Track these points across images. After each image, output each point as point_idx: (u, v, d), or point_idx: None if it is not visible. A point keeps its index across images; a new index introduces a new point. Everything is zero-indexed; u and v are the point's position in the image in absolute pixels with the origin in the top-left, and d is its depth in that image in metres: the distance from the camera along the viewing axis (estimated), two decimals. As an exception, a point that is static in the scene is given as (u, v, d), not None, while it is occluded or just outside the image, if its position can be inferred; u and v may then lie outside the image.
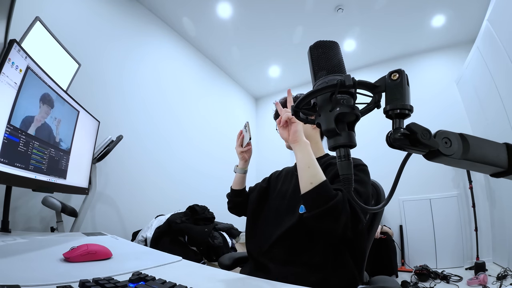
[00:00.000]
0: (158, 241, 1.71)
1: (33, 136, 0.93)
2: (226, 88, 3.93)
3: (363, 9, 2.74)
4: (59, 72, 1.33)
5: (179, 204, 2.17)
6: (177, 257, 0.75)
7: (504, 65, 1.93)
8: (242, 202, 1.05)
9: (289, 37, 3.13)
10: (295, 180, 0.90)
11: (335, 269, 0.74)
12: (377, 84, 0.38)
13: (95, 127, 1.51)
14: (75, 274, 0.50)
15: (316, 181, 0.67)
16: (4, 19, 0.91)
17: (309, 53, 0.45)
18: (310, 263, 0.74)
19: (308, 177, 0.69)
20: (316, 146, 0.97)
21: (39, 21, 1.26)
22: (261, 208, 0.95)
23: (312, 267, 0.73)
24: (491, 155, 0.37)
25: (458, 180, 3.01)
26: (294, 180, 0.91)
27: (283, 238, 0.80)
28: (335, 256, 0.75)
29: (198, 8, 2.69)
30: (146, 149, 2.41)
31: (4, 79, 0.78)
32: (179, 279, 0.46)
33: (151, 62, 2.63)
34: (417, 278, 2.54)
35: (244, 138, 1.01)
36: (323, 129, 0.41)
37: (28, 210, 1.48)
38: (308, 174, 0.69)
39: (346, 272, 0.75)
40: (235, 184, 1.05)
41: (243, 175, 1.04)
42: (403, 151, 0.37)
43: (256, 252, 0.87)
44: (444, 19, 2.89)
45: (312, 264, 0.74)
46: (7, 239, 0.81)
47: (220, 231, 1.88)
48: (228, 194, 1.08)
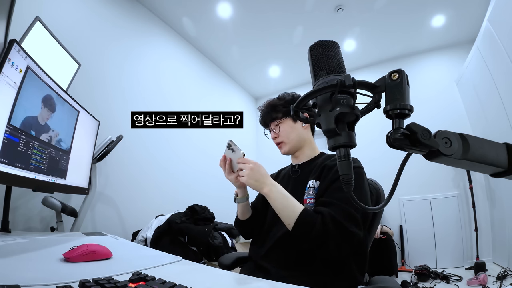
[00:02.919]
0: (158, 241, 1.71)
1: (33, 136, 0.93)
2: (226, 88, 3.93)
3: (363, 9, 2.74)
4: (59, 72, 1.33)
5: (179, 204, 2.17)
6: (177, 257, 0.75)
7: (504, 65, 1.93)
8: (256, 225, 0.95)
9: (289, 37, 3.13)
10: (291, 184, 0.90)
11: (336, 273, 0.73)
12: (377, 84, 0.38)
13: (95, 127, 1.51)
14: (75, 274, 0.50)
15: (292, 221, 0.69)
16: (4, 19, 0.91)
17: (309, 53, 0.45)
18: (309, 266, 0.74)
19: (284, 220, 0.72)
20: (310, 147, 0.96)
21: (39, 21, 1.25)
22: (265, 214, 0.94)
23: (312, 271, 0.73)
24: (491, 155, 0.37)
25: (458, 180, 3.01)
26: (291, 183, 0.90)
27: (282, 243, 0.79)
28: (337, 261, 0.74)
29: (198, 8, 2.69)
30: (146, 149, 2.41)
31: (4, 79, 0.78)
32: (179, 279, 0.46)
33: (151, 62, 2.63)
34: (417, 278, 2.54)
35: (233, 161, 0.82)
36: (323, 129, 0.41)
37: (28, 210, 1.48)
38: (283, 218, 0.72)
39: (347, 275, 0.74)
40: (241, 214, 0.94)
41: (246, 203, 0.92)
42: (403, 151, 0.37)
43: (255, 255, 0.87)
44: (444, 19, 2.89)
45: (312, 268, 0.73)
46: (7, 239, 0.81)
47: (220, 231, 1.88)
48: (237, 224, 0.98)
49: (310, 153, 0.95)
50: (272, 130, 0.97)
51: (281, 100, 0.96)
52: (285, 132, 0.94)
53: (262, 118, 1.00)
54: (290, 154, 0.97)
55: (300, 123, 0.94)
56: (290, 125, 0.94)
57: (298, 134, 0.94)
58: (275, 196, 0.73)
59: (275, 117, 0.95)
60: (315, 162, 0.89)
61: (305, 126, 0.95)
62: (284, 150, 0.95)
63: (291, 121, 0.94)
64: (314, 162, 0.90)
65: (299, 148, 0.95)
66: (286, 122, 0.94)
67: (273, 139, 0.97)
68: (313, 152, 0.95)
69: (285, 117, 0.94)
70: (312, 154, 0.95)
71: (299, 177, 0.90)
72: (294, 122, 0.94)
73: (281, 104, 0.94)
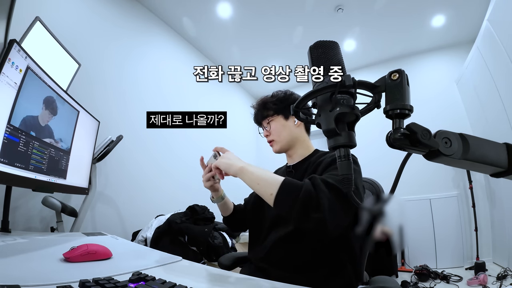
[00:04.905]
0: (158, 241, 1.71)
1: (33, 136, 0.93)
2: (226, 87, 3.93)
3: (363, 9, 2.74)
4: (59, 72, 1.33)
5: (179, 204, 2.17)
6: (177, 257, 0.75)
7: (504, 65, 1.92)
8: (241, 218, 0.99)
9: (289, 37, 3.13)
10: None
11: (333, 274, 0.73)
12: (377, 84, 0.39)
13: (95, 127, 1.51)
14: (75, 274, 0.50)
15: (275, 188, 0.60)
16: (4, 19, 0.91)
17: (309, 53, 0.45)
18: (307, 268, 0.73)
19: (265, 192, 0.62)
20: (303, 145, 0.92)
21: (39, 21, 1.25)
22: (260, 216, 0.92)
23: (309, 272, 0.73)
24: (491, 155, 0.37)
25: (458, 180, 3.01)
26: None
27: (279, 245, 0.79)
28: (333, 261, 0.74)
29: (198, 8, 2.69)
30: (146, 149, 2.41)
31: (4, 79, 0.78)
32: (179, 279, 0.46)
33: (151, 62, 2.63)
34: (417, 278, 2.54)
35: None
36: (323, 129, 0.41)
37: (28, 210, 1.48)
38: (263, 189, 0.63)
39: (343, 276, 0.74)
40: (222, 211, 0.98)
41: (224, 201, 0.94)
42: (403, 151, 0.37)
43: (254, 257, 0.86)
44: (444, 19, 2.89)
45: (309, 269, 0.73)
46: (7, 239, 0.81)
47: (220, 231, 1.88)
48: (223, 221, 1.02)
49: (303, 152, 0.92)
50: (264, 128, 0.95)
51: (273, 98, 0.93)
52: (276, 130, 0.91)
53: (255, 116, 0.98)
54: (282, 152, 0.94)
55: (292, 120, 0.91)
56: (282, 123, 0.91)
57: (290, 133, 0.91)
58: (252, 169, 0.66)
59: (266, 114, 0.93)
60: (308, 161, 0.87)
61: (297, 124, 0.92)
62: (275, 148, 0.93)
63: (282, 118, 0.91)
64: (308, 161, 0.88)
65: (291, 147, 0.92)
66: (277, 120, 0.91)
67: (266, 137, 0.95)
68: (306, 151, 0.92)
69: (276, 115, 0.91)
70: (306, 153, 0.91)
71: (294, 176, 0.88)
72: (285, 119, 0.91)
73: (272, 102, 0.92)
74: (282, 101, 0.91)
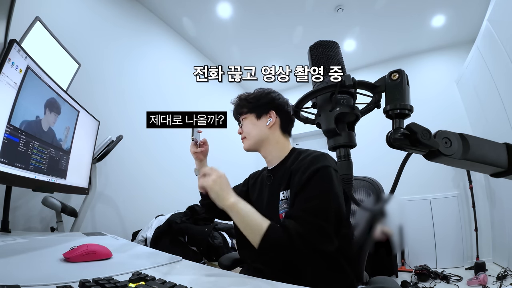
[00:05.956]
0: (158, 241, 1.71)
1: (33, 136, 0.93)
2: (226, 88, 3.93)
3: (363, 9, 2.74)
4: (59, 72, 1.33)
5: (179, 204, 2.17)
6: (177, 257, 0.75)
7: (504, 65, 1.92)
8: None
9: (289, 37, 3.13)
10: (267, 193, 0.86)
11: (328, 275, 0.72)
12: (377, 84, 0.39)
13: (95, 127, 1.51)
14: (75, 274, 0.50)
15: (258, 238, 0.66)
16: (4, 19, 0.91)
17: (309, 53, 0.45)
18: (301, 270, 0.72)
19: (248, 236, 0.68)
20: (277, 147, 0.89)
21: (39, 21, 1.25)
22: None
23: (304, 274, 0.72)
24: (491, 155, 0.37)
25: (458, 180, 3.01)
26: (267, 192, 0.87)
27: None
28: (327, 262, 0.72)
29: (198, 8, 2.69)
30: (146, 149, 2.41)
31: (4, 79, 0.78)
32: (179, 279, 0.46)
33: (151, 62, 2.63)
34: (417, 278, 2.54)
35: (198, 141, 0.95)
36: (323, 129, 0.41)
37: (28, 210, 1.48)
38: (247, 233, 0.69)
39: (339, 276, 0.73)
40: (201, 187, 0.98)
41: None
42: (403, 151, 0.37)
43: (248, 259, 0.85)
44: (444, 19, 2.89)
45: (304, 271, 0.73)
46: (7, 239, 0.81)
47: (220, 231, 1.88)
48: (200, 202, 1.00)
49: (279, 154, 0.88)
50: (240, 124, 0.94)
51: (249, 95, 0.92)
52: (247, 128, 0.90)
53: (233, 112, 0.96)
54: (251, 151, 0.93)
55: (264, 121, 0.88)
56: (253, 121, 0.89)
57: (260, 133, 0.88)
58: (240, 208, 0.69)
59: (241, 112, 0.92)
60: (284, 166, 0.84)
61: (269, 125, 0.88)
62: (244, 146, 0.92)
63: (254, 117, 0.89)
64: (284, 165, 0.85)
65: (260, 147, 0.90)
66: (249, 118, 0.90)
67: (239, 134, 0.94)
68: (282, 153, 0.88)
69: (250, 113, 0.90)
70: (282, 155, 0.88)
71: (272, 184, 0.86)
72: (257, 119, 0.89)
73: (247, 100, 0.91)
74: (256, 100, 0.90)
